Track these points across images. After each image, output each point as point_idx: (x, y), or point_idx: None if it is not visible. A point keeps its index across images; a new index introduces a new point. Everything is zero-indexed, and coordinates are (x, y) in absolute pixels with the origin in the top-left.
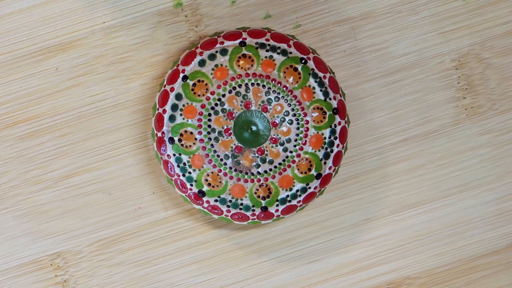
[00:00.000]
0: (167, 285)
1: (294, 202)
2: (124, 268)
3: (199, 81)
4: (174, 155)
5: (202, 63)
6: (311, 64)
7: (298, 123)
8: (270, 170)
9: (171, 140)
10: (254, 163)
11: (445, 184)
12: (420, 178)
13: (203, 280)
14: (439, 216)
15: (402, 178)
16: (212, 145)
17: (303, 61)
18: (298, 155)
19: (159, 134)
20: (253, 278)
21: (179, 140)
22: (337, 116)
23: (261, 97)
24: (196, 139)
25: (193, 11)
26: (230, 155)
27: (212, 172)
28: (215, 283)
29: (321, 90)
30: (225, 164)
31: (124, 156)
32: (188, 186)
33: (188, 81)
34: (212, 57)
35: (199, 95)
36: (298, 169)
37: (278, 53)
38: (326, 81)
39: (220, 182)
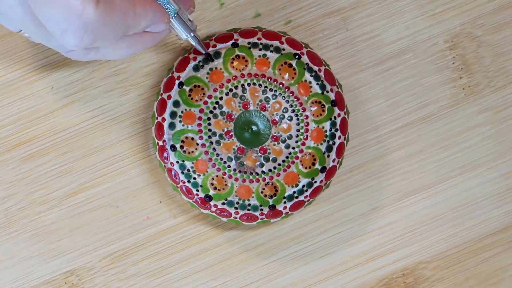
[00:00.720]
0: None
1: (301, 197)
2: (138, 279)
3: (195, 86)
4: (177, 162)
5: (196, 68)
6: (305, 58)
7: (297, 119)
8: (274, 168)
9: (173, 147)
10: (258, 163)
11: (448, 166)
12: (423, 162)
13: (217, 285)
14: (444, 199)
15: (404, 164)
16: (214, 148)
17: (297, 57)
18: (301, 151)
19: (161, 143)
20: (266, 278)
21: (181, 147)
22: (336, 108)
23: (259, 96)
24: (197, 144)
25: None
26: (233, 157)
27: (217, 176)
28: (230, 286)
29: (317, 84)
30: (229, 166)
31: (128, 168)
32: (194, 191)
33: (184, 87)
34: (206, 61)
35: (196, 100)
36: (302, 165)
37: (271, 51)
38: (321, 74)
39: (226, 184)
